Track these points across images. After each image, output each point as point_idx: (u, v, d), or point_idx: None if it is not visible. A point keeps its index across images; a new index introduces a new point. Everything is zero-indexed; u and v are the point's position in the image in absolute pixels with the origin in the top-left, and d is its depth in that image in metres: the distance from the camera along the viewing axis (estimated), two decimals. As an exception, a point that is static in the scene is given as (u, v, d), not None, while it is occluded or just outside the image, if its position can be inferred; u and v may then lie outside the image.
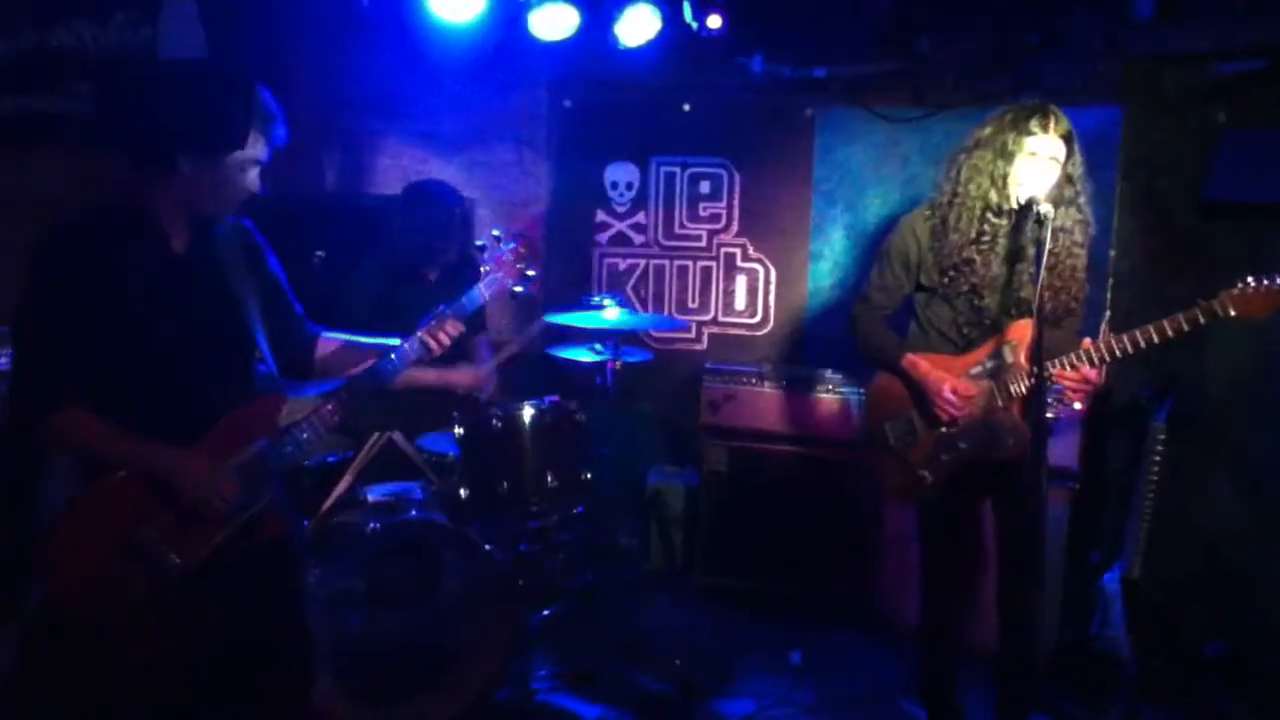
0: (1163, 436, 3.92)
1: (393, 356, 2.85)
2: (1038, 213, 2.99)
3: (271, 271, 2.86)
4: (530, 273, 3.14)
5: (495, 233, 3.15)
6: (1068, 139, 3.17)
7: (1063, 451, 4.20)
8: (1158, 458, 3.93)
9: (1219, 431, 4.25)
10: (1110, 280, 4.59)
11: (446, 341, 2.90)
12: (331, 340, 2.97)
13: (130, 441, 2.52)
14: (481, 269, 3.08)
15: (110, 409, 2.52)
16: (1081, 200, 3.24)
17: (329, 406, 2.77)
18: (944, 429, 3.30)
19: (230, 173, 2.56)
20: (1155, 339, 3.04)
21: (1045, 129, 3.14)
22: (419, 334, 2.87)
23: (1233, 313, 2.98)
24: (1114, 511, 4.15)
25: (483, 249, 3.13)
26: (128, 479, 2.53)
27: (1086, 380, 3.17)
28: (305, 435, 2.75)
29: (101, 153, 2.64)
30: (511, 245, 3.10)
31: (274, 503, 2.71)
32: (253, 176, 2.62)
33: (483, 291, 3.02)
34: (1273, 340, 4.06)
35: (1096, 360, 3.12)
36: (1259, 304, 2.97)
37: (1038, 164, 3.15)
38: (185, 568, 2.55)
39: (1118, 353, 3.09)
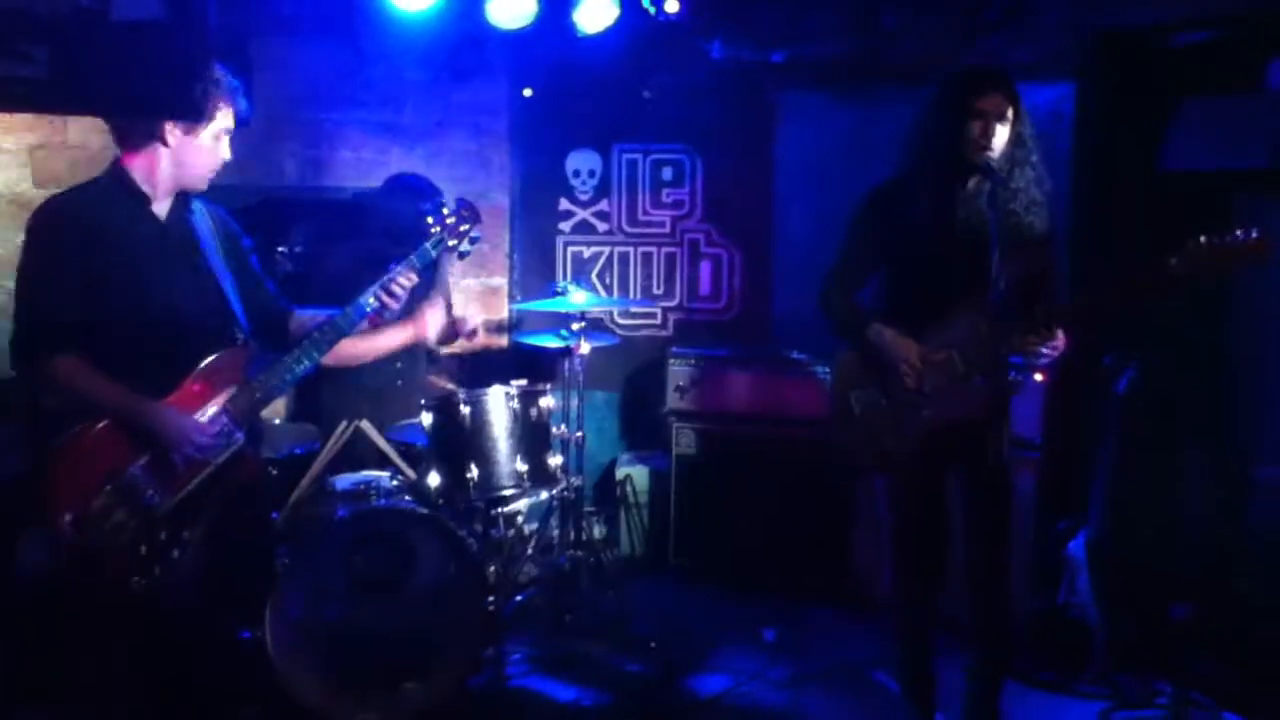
0: (1125, 404, 3.97)
1: (348, 310, 3.11)
2: (993, 176, 3.07)
3: (245, 251, 3.19)
4: (474, 234, 3.35)
5: (439, 200, 3.42)
6: (1013, 97, 3.19)
7: (1026, 421, 4.24)
8: (1120, 425, 3.99)
9: (1180, 398, 4.30)
10: (1068, 253, 4.63)
11: (401, 294, 3.17)
12: (303, 315, 3.26)
13: (118, 392, 2.81)
14: (430, 230, 3.26)
15: (95, 359, 2.81)
16: (1034, 158, 3.27)
17: (290, 358, 3.04)
18: (908, 398, 3.30)
19: (207, 142, 2.89)
20: (1109, 301, 3.09)
21: (992, 88, 3.17)
22: (374, 289, 3.13)
23: (1184, 273, 2.98)
24: (1079, 480, 4.19)
25: (428, 212, 3.29)
26: (111, 425, 2.82)
27: (1054, 347, 3.20)
28: (272, 384, 3.03)
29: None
30: (456, 209, 3.30)
31: (245, 446, 3.00)
32: (225, 145, 2.94)
33: (429, 250, 3.22)
34: (1235, 307, 4.13)
35: (1051, 322, 3.15)
36: (1211, 264, 2.98)
37: (989, 123, 3.16)
38: (166, 504, 2.86)
39: (1070, 316, 3.13)
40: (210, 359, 2.94)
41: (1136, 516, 4.25)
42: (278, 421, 4.34)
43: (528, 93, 5.57)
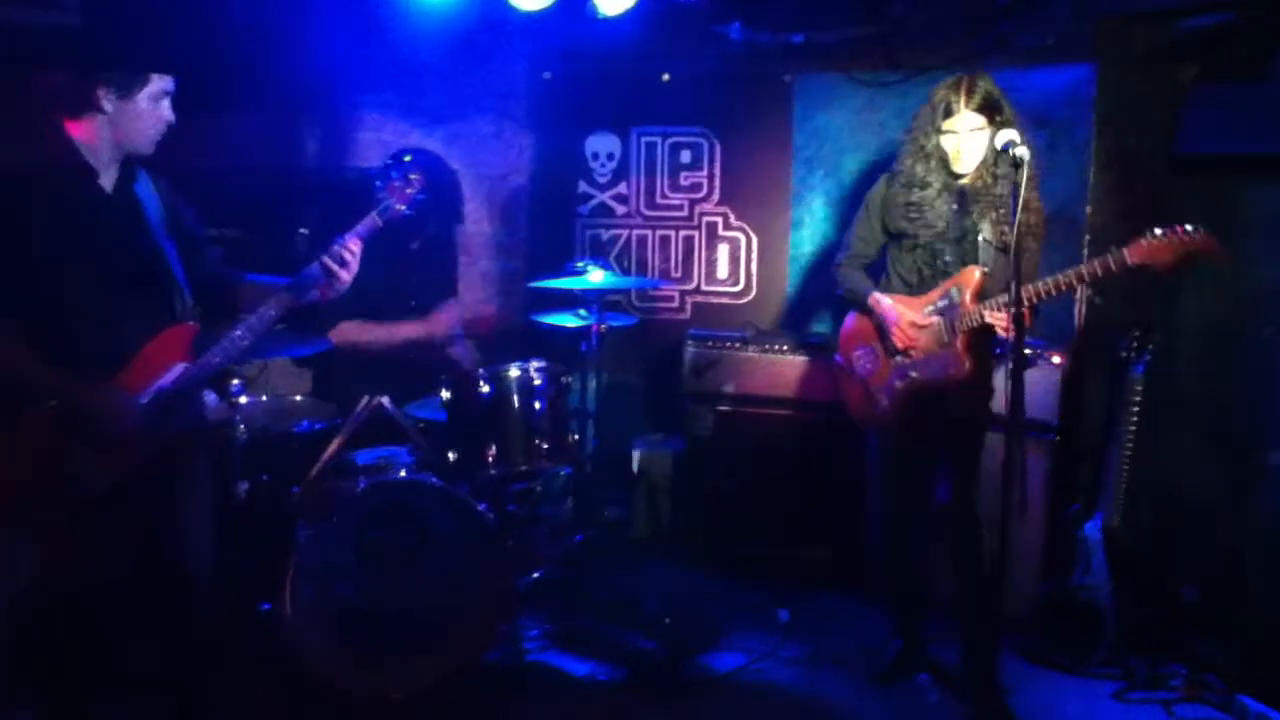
0: (1140, 388, 3.98)
1: (295, 282, 3.06)
2: (1014, 156, 3.14)
3: (190, 220, 3.14)
4: (420, 197, 3.28)
5: (388, 161, 3.31)
6: (986, 107, 3.48)
7: (1041, 405, 4.25)
8: (1135, 409, 4.00)
9: (1191, 382, 4.31)
10: (1086, 236, 4.65)
11: (350, 263, 3.08)
12: (254, 282, 3.25)
13: (55, 376, 2.76)
14: (379, 198, 3.23)
15: (38, 339, 2.75)
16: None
17: (238, 332, 2.99)
18: (899, 358, 3.72)
19: (145, 105, 2.82)
20: (1062, 288, 3.34)
21: (960, 106, 3.49)
22: (322, 259, 3.06)
23: (1135, 262, 3.23)
24: (1092, 462, 4.20)
25: (376, 176, 3.27)
26: (46, 412, 2.75)
27: (1006, 328, 3.41)
28: (217, 360, 2.98)
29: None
30: (401, 173, 3.25)
31: (190, 424, 3.00)
32: (166, 106, 2.88)
33: (376, 219, 3.18)
34: (1243, 292, 4.13)
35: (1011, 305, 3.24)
36: (1162, 254, 3.20)
37: (960, 139, 3.52)
38: (106, 484, 2.80)
39: (1037, 296, 3.36)
40: (157, 336, 2.90)
41: (1149, 499, 4.27)
42: (299, 398, 4.39)
43: (547, 76, 5.61)
